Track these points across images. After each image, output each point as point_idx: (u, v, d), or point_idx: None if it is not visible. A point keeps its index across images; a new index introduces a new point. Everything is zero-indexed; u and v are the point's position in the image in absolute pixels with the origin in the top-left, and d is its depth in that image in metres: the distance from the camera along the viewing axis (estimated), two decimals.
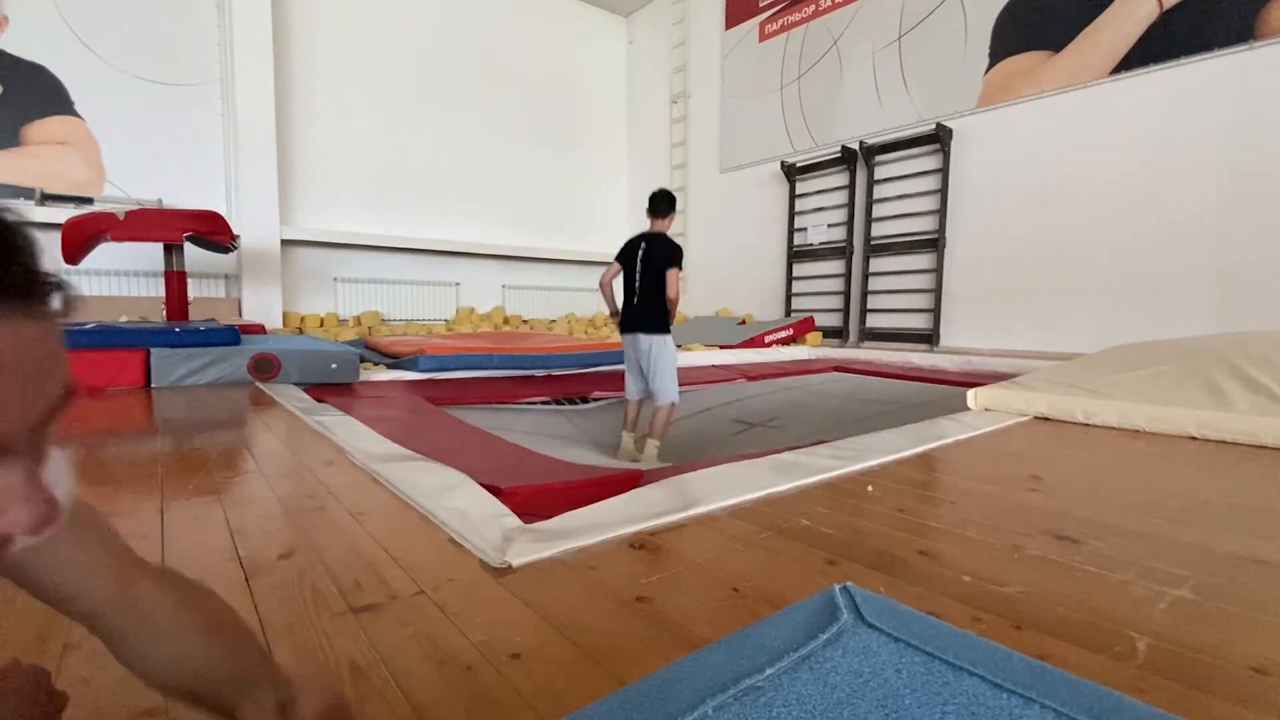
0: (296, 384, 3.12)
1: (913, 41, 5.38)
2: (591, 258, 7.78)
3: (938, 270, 5.16)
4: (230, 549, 1.04)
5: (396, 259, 6.54)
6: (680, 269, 3.05)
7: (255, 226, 5.46)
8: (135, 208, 4.54)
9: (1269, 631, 0.81)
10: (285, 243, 5.73)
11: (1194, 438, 2.11)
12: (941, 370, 4.44)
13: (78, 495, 0.39)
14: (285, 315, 5.69)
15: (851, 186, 5.78)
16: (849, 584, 0.41)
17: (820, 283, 6.14)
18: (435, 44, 6.70)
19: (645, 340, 2.99)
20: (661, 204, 3.07)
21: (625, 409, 3.10)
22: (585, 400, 3.80)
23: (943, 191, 5.12)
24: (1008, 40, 4.78)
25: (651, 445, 2.96)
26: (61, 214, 4.38)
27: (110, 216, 3.71)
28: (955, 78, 5.07)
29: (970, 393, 2.68)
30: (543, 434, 3.22)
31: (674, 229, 3.46)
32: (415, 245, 6.54)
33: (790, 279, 6.38)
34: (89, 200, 4.97)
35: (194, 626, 0.47)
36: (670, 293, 2.97)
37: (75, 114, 5.00)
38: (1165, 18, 4.02)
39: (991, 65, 4.87)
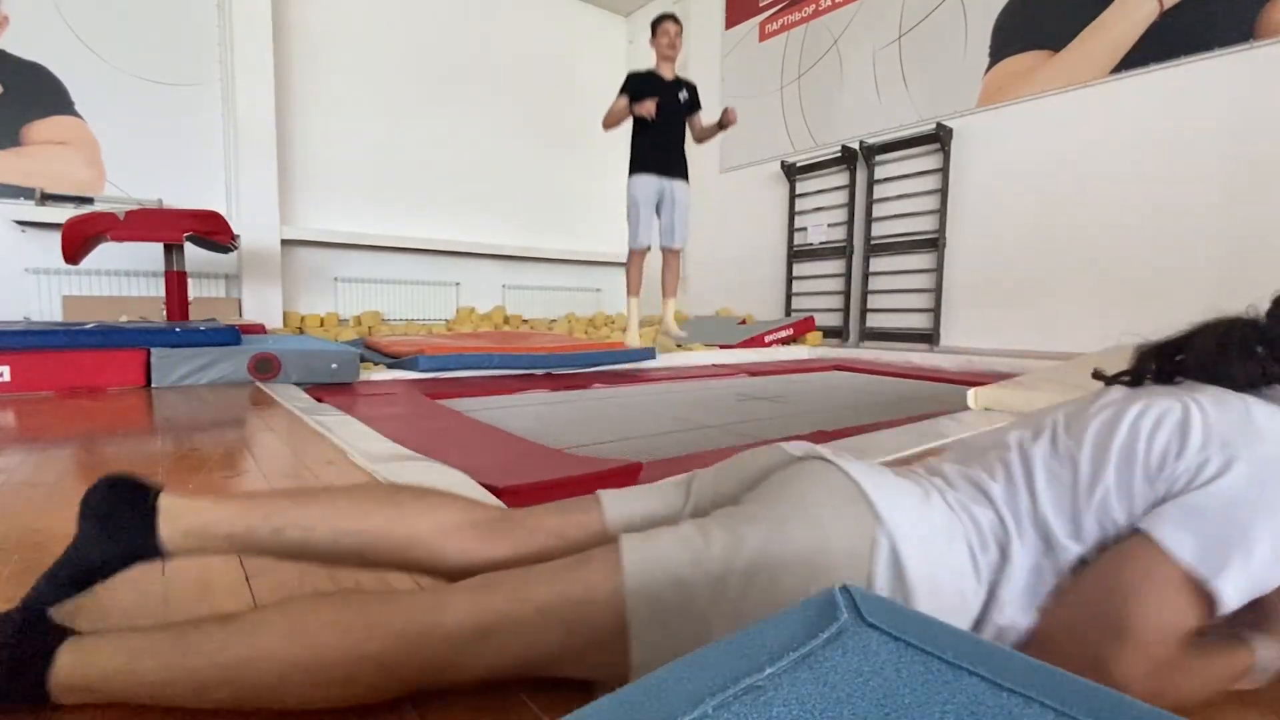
0: (297, 384, 3.12)
1: (913, 41, 5.38)
2: (592, 257, 7.79)
3: (938, 270, 5.16)
4: None
5: (396, 259, 6.54)
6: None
7: (255, 226, 5.46)
8: (135, 208, 4.54)
9: None
10: (285, 243, 5.73)
11: None
12: (941, 370, 4.44)
13: None
14: (285, 315, 5.69)
15: (851, 186, 5.79)
16: (849, 583, 0.41)
17: (820, 282, 6.14)
18: (435, 44, 6.70)
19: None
20: None
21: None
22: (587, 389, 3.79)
23: (943, 191, 5.12)
24: (1008, 40, 4.78)
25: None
26: (61, 214, 4.39)
27: (110, 216, 3.71)
28: (955, 77, 5.07)
29: (970, 392, 2.68)
30: (544, 422, 3.21)
31: None
32: (415, 245, 6.54)
33: (790, 279, 6.38)
34: (89, 200, 4.97)
35: None
36: None
37: (75, 114, 5.00)
38: (1165, 17, 4.02)
39: (992, 65, 4.87)
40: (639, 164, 2.97)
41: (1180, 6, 3.96)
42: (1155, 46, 4.06)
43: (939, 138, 5.06)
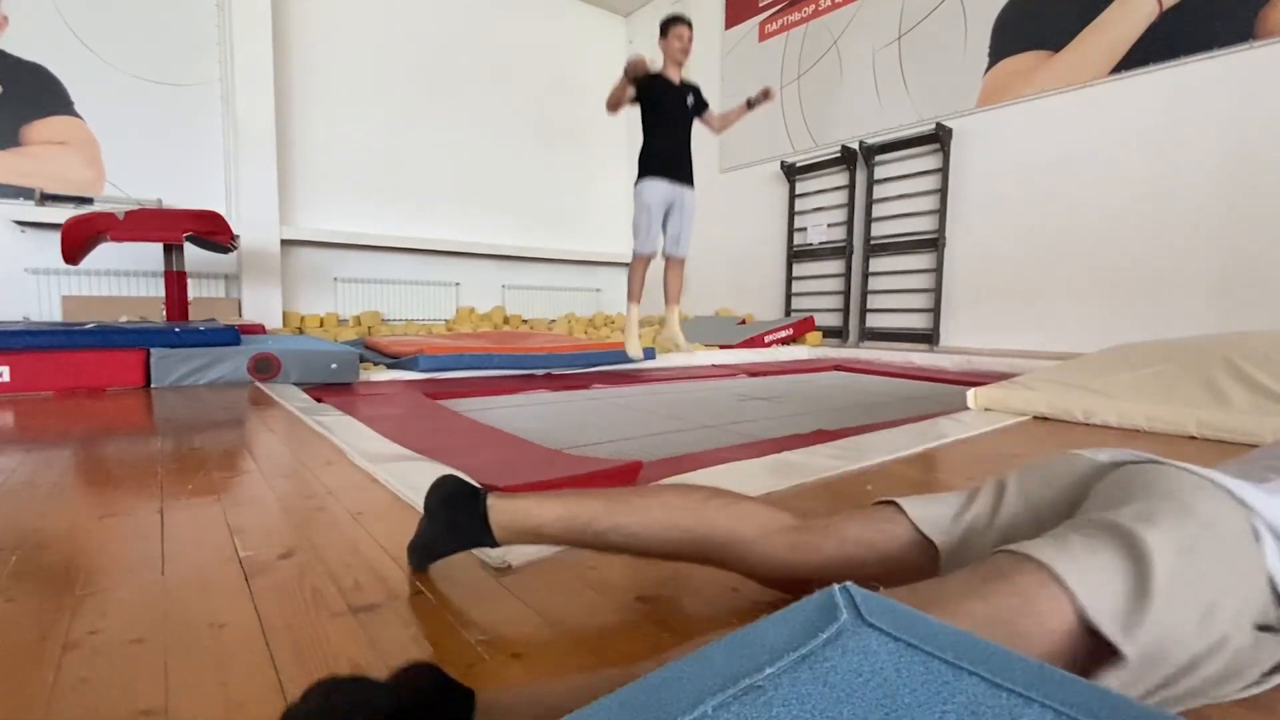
0: (296, 384, 3.12)
1: (913, 41, 5.38)
2: (591, 257, 7.79)
3: (938, 270, 5.16)
4: (230, 549, 1.04)
5: (396, 259, 6.54)
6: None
7: (255, 226, 5.46)
8: (135, 208, 4.54)
9: None
10: (285, 243, 5.73)
11: (1194, 437, 2.12)
12: (941, 370, 4.44)
13: None
14: (285, 315, 5.69)
15: (851, 186, 5.78)
16: (848, 583, 0.41)
17: (820, 282, 6.14)
18: (435, 44, 6.70)
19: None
20: None
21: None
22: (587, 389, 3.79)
23: (942, 191, 5.12)
24: (1008, 40, 4.78)
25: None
26: (61, 214, 4.39)
27: (110, 216, 3.71)
28: (955, 77, 5.07)
29: (970, 392, 2.68)
30: (544, 421, 3.20)
31: None
32: (415, 245, 6.54)
33: (790, 279, 6.38)
34: (89, 200, 4.97)
35: None
36: None
37: (75, 114, 5.00)
38: (1165, 17, 4.02)
39: (991, 65, 4.86)
40: (650, 169, 2.93)
41: (1180, 6, 3.96)
42: (1155, 46, 4.06)
43: (939, 138, 5.06)
